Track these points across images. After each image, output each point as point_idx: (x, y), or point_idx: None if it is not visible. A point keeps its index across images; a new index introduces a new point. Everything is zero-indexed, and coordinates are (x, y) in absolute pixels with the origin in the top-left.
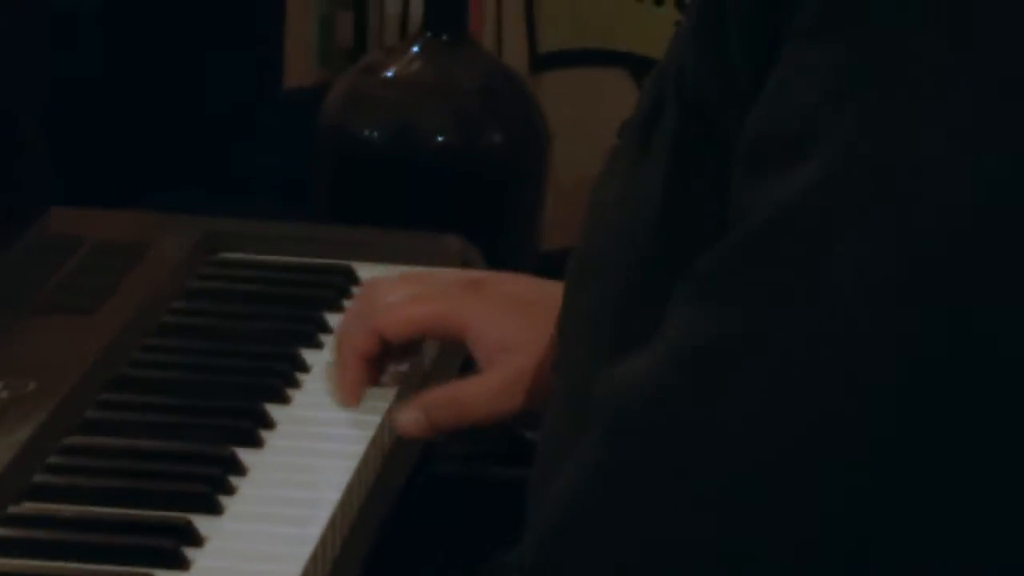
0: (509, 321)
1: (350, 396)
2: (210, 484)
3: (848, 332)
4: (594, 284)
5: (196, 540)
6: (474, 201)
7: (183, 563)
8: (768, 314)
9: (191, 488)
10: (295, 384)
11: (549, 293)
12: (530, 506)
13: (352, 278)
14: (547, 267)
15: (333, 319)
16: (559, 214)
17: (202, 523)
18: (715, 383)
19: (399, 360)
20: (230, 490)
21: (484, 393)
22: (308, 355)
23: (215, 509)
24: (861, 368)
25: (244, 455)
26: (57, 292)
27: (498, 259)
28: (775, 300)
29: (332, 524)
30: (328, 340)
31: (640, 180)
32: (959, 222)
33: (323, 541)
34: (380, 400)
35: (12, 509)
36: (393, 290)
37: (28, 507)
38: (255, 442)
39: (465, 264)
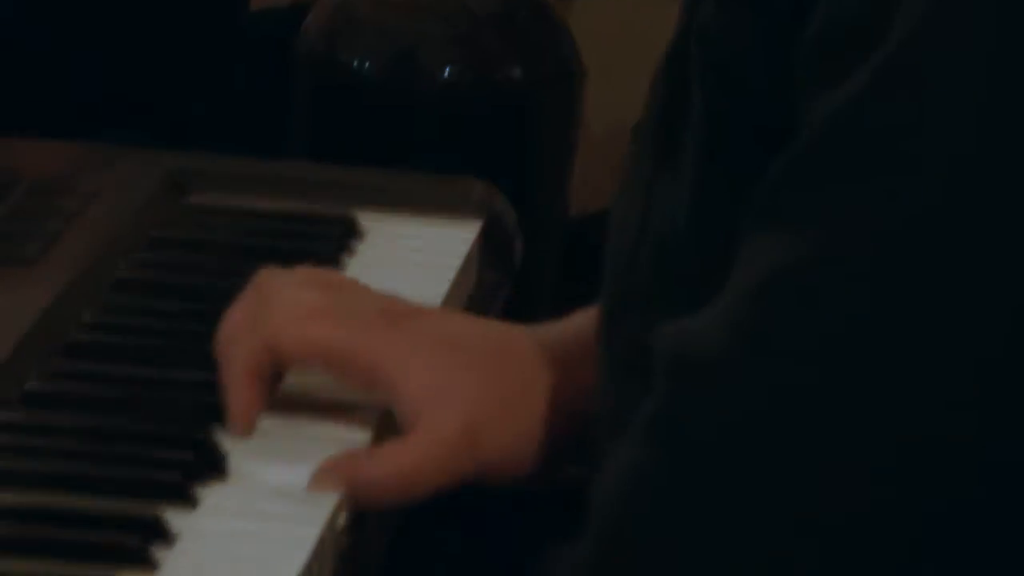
0: (440, 366)
1: (245, 424)
2: (183, 471)
3: (935, 229)
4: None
5: (168, 537)
6: (488, 151)
7: (149, 561)
8: (841, 228)
9: (162, 477)
10: None
11: (490, 336)
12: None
13: (353, 230)
14: (576, 237)
15: None
16: (590, 171)
17: (175, 518)
18: (793, 315)
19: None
20: (206, 480)
21: (434, 459)
22: None
23: (190, 502)
24: (959, 259)
25: (222, 438)
26: None
27: (518, 226)
28: (847, 211)
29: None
30: None
31: (671, 178)
32: None
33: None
34: None
35: None
36: (293, 293)
37: None
38: None
39: (492, 215)
